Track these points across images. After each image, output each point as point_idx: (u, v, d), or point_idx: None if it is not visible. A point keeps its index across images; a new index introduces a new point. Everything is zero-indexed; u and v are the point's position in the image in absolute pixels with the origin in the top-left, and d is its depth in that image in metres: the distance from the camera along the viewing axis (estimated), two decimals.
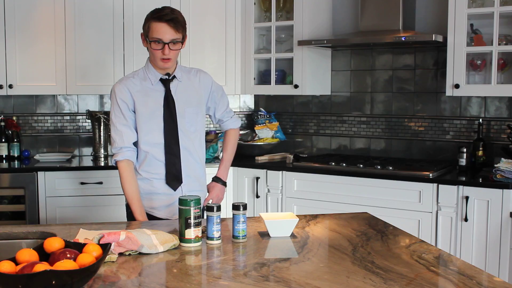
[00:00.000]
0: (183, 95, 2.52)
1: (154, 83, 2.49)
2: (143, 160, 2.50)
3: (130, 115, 2.46)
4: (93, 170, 3.85)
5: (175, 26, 2.36)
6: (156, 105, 2.47)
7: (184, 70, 2.59)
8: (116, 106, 2.46)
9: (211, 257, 1.84)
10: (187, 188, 2.55)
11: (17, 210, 3.74)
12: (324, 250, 1.88)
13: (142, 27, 2.45)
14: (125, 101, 2.45)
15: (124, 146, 2.45)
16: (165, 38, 2.36)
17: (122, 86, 2.46)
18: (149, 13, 2.42)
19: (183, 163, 2.53)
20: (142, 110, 2.45)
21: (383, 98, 4.07)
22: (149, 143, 2.47)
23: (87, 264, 1.47)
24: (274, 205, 3.84)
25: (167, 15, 2.35)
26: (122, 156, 2.44)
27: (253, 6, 4.15)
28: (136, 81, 2.49)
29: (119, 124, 2.45)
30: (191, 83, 2.57)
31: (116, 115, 2.46)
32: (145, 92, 2.47)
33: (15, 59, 3.95)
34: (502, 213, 3.13)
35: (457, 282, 1.55)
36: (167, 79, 2.49)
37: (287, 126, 4.50)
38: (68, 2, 3.97)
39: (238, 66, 4.23)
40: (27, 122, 4.33)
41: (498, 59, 3.37)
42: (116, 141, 2.45)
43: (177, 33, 2.38)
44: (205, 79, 2.62)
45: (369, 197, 3.49)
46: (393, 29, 3.66)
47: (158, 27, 2.35)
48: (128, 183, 2.44)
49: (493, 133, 3.67)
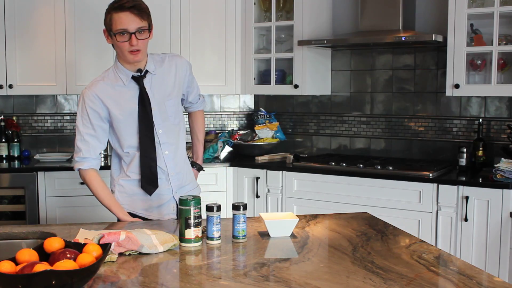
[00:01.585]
0: (160, 88, 2.37)
1: (126, 83, 2.33)
2: (130, 162, 2.39)
3: (101, 124, 2.34)
4: None
5: (139, 13, 2.21)
6: (131, 106, 2.33)
7: (157, 60, 2.40)
8: (85, 115, 2.31)
9: (211, 257, 1.84)
10: (177, 186, 2.45)
11: (17, 210, 3.75)
12: (324, 250, 1.88)
13: (104, 22, 2.28)
14: (96, 110, 2.31)
15: (89, 156, 2.35)
16: (130, 28, 2.20)
17: (92, 94, 2.30)
18: (109, 5, 2.25)
19: (170, 160, 2.41)
20: (117, 115, 2.32)
21: (383, 98, 4.07)
22: (132, 146, 2.37)
23: (87, 264, 1.47)
24: (274, 205, 3.84)
25: (128, 2, 2.19)
26: (87, 166, 2.35)
27: (253, 6, 4.15)
28: (107, 85, 2.33)
29: (86, 134, 2.33)
30: (167, 72, 2.41)
31: (84, 124, 2.32)
32: (118, 95, 2.32)
33: (15, 59, 3.95)
34: (502, 213, 3.13)
35: (457, 282, 1.55)
36: (140, 75, 2.33)
37: (287, 126, 4.50)
38: (68, 2, 3.97)
39: (238, 66, 4.23)
40: (27, 122, 4.33)
41: (498, 59, 3.37)
42: (81, 150, 2.33)
43: (142, 20, 2.22)
44: (181, 64, 2.46)
45: (369, 197, 3.49)
46: (393, 29, 3.66)
47: (121, 17, 2.19)
48: (101, 189, 2.36)
49: (493, 133, 3.67)
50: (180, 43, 4.12)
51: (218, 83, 4.23)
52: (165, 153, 2.40)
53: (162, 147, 2.39)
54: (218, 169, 3.97)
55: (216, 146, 4.13)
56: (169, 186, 2.43)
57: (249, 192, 3.95)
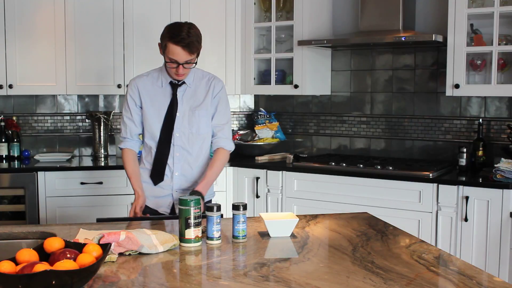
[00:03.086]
0: (190, 99, 2.65)
1: (164, 85, 2.65)
2: (147, 152, 2.70)
3: (137, 110, 2.67)
4: (93, 170, 3.85)
5: (190, 50, 2.48)
6: (161, 105, 2.64)
7: (198, 75, 2.69)
8: (126, 101, 2.69)
9: (211, 257, 1.84)
10: (178, 186, 2.67)
11: (17, 210, 3.75)
12: (324, 250, 1.88)
13: (160, 38, 2.54)
14: (133, 98, 2.66)
15: (127, 137, 2.69)
16: (180, 60, 2.49)
17: (134, 84, 2.67)
18: (167, 29, 2.51)
19: (178, 162, 2.65)
20: (147, 108, 2.65)
21: (383, 98, 4.07)
22: (151, 138, 2.66)
23: (87, 264, 1.47)
24: (274, 205, 3.84)
25: (183, 40, 2.44)
26: (124, 145, 2.70)
27: (253, 6, 4.15)
28: (148, 80, 2.67)
29: (126, 117, 2.69)
30: (202, 88, 2.67)
31: (125, 108, 2.69)
32: (154, 92, 2.65)
33: (15, 59, 3.95)
34: (502, 213, 3.13)
35: (457, 282, 1.55)
36: (176, 83, 2.63)
37: (287, 126, 4.50)
38: (68, 2, 3.97)
39: (238, 66, 4.23)
40: (27, 122, 4.33)
41: (498, 59, 3.37)
42: (122, 130, 2.72)
43: (191, 55, 2.50)
44: (217, 85, 2.70)
45: (369, 197, 3.49)
46: (393, 29, 3.66)
47: (174, 49, 2.46)
48: (128, 163, 2.66)
49: (493, 133, 3.67)
50: None
51: None
52: (176, 154, 2.65)
53: (175, 149, 2.64)
54: None
55: None
56: (171, 183, 2.67)
57: (249, 192, 3.95)
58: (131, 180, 2.66)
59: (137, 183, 2.64)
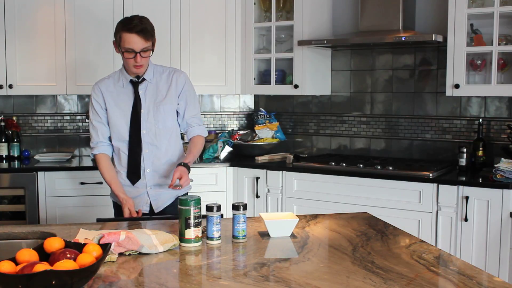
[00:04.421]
0: (152, 94, 2.70)
1: (125, 85, 2.70)
2: (117, 154, 2.74)
3: (103, 112, 2.72)
4: (93, 170, 3.83)
5: (145, 36, 2.54)
6: (125, 105, 2.69)
7: (158, 71, 2.74)
8: (92, 105, 2.73)
9: (211, 257, 1.84)
10: (152, 183, 2.72)
11: (17, 210, 3.75)
12: (324, 250, 1.88)
13: (114, 36, 2.63)
14: (98, 101, 2.71)
15: (100, 140, 2.72)
16: (136, 48, 2.55)
17: (97, 87, 2.73)
18: (119, 23, 2.59)
19: (148, 158, 2.70)
20: (112, 109, 2.70)
21: (383, 98, 4.07)
22: (119, 139, 2.71)
23: (87, 264, 1.47)
24: (274, 205, 3.84)
25: (136, 26, 2.52)
26: (98, 150, 2.72)
27: (253, 6, 4.15)
28: (110, 82, 2.73)
29: (95, 121, 2.72)
30: (163, 82, 2.72)
31: (93, 112, 2.73)
32: (117, 93, 2.71)
33: (15, 59, 3.95)
34: (502, 213, 3.13)
35: (457, 282, 1.55)
36: (136, 81, 2.68)
37: (287, 126, 4.50)
38: (68, 2, 3.97)
39: (238, 66, 4.23)
40: (27, 122, 4.33)
41: (498, 59, 3.37)
42: (93, 136, 2.73)
43: (146, 41, 2.56)
44: (179, 77, 2.75)
45: (369, 197, 3.49)
46: (393, 29, 3.66)
47: (129, 38, 2.53)
48: (106, 170, 2.70)
49: (493, 133, 3.67)
50: (180, 43, 4.12)
51: (218, 83, 4.23)
52: (145, 151, 2.70)
53: (143, 146, 2.70)
54: (218, 169, 3.97)
55: (216, 146, 4.13)
56: (144, 180, 2.72)
57: (249, 192, 3.95)
58: (112, 187, 2.69)
59: (118, 188, 2.67)
